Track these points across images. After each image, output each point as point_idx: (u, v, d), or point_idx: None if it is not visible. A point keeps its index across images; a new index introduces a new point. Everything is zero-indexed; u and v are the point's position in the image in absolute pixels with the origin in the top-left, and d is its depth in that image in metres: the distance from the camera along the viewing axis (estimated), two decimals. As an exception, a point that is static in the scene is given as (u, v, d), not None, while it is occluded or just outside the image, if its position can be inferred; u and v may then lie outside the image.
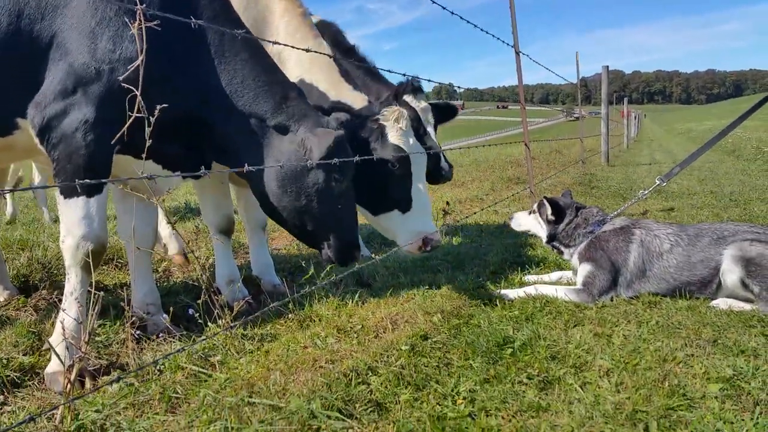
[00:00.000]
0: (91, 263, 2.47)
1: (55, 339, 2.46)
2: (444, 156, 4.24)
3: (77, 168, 2.43)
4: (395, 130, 3.12)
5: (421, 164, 3.26)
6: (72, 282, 2.53)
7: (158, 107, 2.14)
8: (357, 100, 3.25)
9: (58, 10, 2.45)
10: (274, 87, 2.74)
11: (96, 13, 2.44)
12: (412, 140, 3.21)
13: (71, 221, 2.49)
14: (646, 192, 4.04)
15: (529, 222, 3.68)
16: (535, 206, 3.63)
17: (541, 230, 3.59)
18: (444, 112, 4.34)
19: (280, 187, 2.73)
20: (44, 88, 2.47)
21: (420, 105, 3.83)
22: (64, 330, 2.29)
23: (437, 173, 4.10)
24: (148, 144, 2.22)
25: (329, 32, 4.46)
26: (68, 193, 2.49)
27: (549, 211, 3.48)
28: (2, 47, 2.43)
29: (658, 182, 3.99)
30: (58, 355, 2.33)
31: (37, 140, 2.53)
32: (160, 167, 2.75)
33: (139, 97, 2.11)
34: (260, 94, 2.70)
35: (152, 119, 2.16)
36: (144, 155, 2.29)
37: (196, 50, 2.64)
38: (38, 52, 2.46)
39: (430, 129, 4.01)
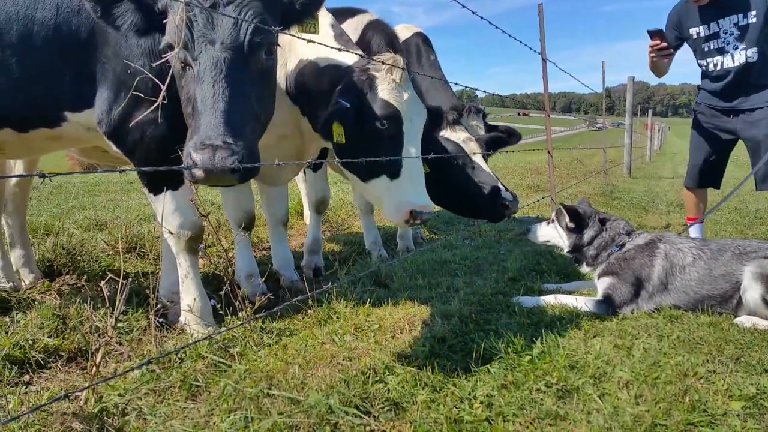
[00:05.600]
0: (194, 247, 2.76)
1: (184, 317, 2.83)
2: (504, 185, 3.96)
3: (151, 165, 2.50)
4: (386, 83, 2.77)
5: (416, 126, 2.91)
6: (184, 266, 2.79)
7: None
8: (347, 57, 2.93)
9: None
10: None
11: None
12: (407, 95, 2.84)
13: (167, 214, 2.70)
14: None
15: (548, 232, 3.63)
16: (553, 215, 3.61)
17: (561, 240, 3.55)
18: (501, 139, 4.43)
19: None
20: (101, 93, 2.53)
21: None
22: (191, 310, 2.75)
23: (497, 208, 3.86)
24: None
25: (415, 41, 4.55)
26: (156, 190, 2.68)
27: (567, 219, 3.45)
28: (45, 39, 2.48)
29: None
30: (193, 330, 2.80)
31: (110, 144, 2.64)
32: None
33: (164, 90, 2.14)
34: None
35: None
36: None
37: None
38: (79, 47, 2.50)
39: (479, 159, 4.00)
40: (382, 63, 2.78)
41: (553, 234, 3.60)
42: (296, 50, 3.11)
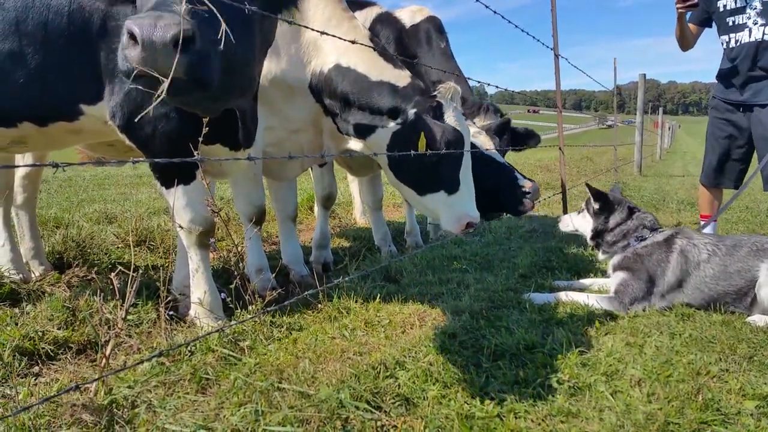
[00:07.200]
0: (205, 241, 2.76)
1: (194, 311, 2.81)
2: (520, 173, 3.97)
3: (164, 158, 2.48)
4: (452, 110, 3.01)
5: (468, 145, 3.21)
6: (194, 260, 2.79)
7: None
8: (400, 78, 3.12)
9: None
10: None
11: None
12: (462, 118, 3.10)
13: (178, 209, 2.68)
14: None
15: (577, 221, 3.66)
16: (583, 204, 3.60)
17: (587, 226, 3.54)
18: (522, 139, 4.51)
19: None
20: (112, 85, 2.49)
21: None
22: (201, 303, 2.75)
23: (516, 198, 3.88)
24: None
25: (430, 26, 4.54)
26: (168, 184, 2.66)
27: (593, 202, 3.46)
28: (60, 28, 2.43)
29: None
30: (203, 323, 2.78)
31: (124, 137, 2.61)
32: (227, 149, 2.79)
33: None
34: None
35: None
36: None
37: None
38: (92, 35, 2.45)
39: (492, 150, 3.99)
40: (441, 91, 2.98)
41: (580, 222, 3.62)
42: (325, 51, 3.17)
